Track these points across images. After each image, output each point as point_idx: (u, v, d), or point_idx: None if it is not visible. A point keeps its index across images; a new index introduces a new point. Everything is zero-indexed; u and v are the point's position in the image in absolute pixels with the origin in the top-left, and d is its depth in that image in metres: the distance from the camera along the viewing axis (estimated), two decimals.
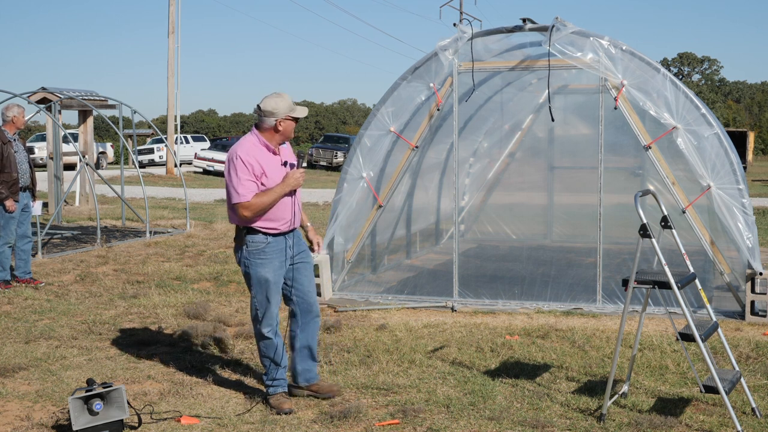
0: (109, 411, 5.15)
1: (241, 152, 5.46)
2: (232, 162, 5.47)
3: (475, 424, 5.28)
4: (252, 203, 5.41)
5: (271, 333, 5.65)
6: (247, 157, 5.44)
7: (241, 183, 5.41)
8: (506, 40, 9.23)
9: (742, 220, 8.34)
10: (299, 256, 5.75)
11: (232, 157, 5.47)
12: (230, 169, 5.47)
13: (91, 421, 5.09)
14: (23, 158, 9.85)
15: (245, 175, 5.42)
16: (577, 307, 8.79)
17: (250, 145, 5.52)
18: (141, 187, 15.97)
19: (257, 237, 5.54)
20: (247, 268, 5.59)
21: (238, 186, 5.42)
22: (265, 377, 5.74)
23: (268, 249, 5.55)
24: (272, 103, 5.50)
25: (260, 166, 5.46)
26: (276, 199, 5.47)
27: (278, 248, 5.59)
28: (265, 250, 5.55)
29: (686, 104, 8.48)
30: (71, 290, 9.69)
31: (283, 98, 5.54)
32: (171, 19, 34.00)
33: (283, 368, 5.74)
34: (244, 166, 5.42)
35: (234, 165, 5.44)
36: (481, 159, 12.98)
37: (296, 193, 5.67)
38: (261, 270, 5.55)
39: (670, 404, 5.63)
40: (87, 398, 5.13)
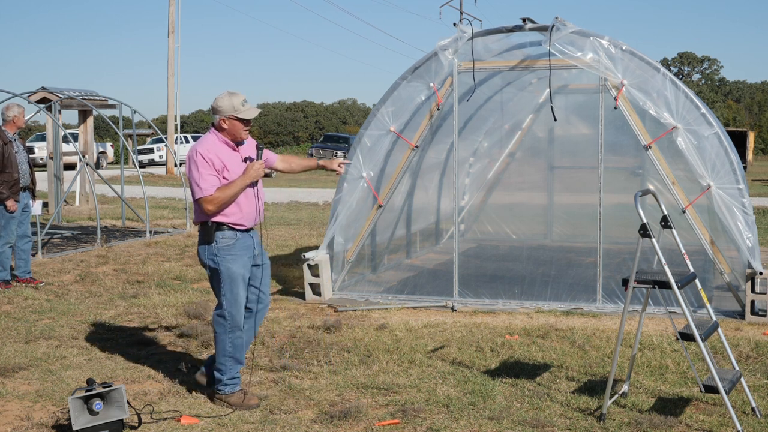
0: (109, 411, 5.15)
1: (200, 149, 5.53)
2: (192, 159, 5.53)
3: (475, 424, 5.28)
4: (215, 197, 5.47)
5: (239, 329, 5.71)
6: (207, 153, 5.51)
7: (203, 178, 5.48)
8: (506, 39, 9.23)
9: (742, 220, 8.34)
10: (261, 257, 5.85)
11: (192, 154, 5.54)
12: (191, 165, 5.54)
13: (91, 420, 5.09)
14: (23, 158, 9.85)
15: (206, 170, 5.48)
16: (577, 306, 8.79)
17: (210, 143, 5.58)
18: (141, 186, 15.98)
19: (227, 233, 5.61)
20: (217, 264, 5.61)
21: (200, 181, 5.48)
22: (221, 376, 5.72)
23: (237, 245, 5.63)
24: (218, 100, 5.57)
25: (220, 161, 5.53)
26: (238, 192, 5.52)
27: (246, 245, 5.68)
28: (234, 246, 5.61)
29: (686, 104, 8.48)
30: (71, 290, 9.69)
31: (232, 97, 5.57)
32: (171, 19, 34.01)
33: (240, 365, 5.79)
34: (204, 162, 5.48)
35: (195, 161, 5.51)
36: (481, 159, 12.98)
37: (258, 187, 5.72)
38: (232, 265, 5.61)
39: (670, 404, 5.64)
40: (87, 398, 5.13)
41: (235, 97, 5.56)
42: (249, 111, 5.59)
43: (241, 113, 5.55)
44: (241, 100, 5.56)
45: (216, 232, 5.59)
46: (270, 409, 5.59)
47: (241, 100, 5.57)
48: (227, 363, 5.72)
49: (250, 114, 5.59)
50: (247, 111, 5.58)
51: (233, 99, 5.55)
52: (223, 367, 5.72)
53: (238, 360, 5.76)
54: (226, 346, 5.70)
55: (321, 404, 5.69)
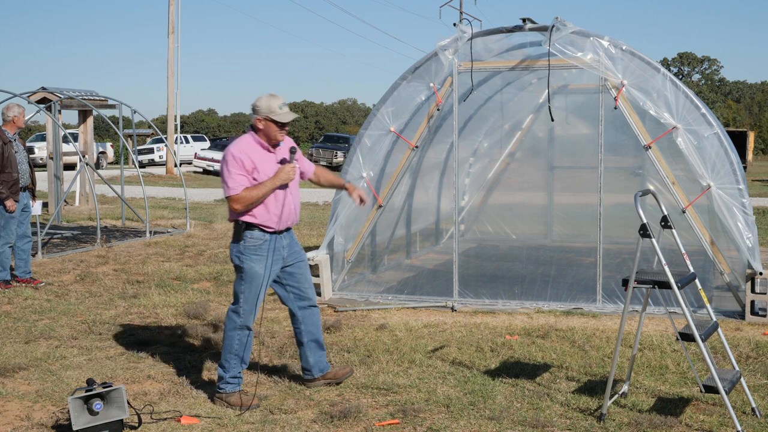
0: (109, 411, 5.15)
1: (233, 148, 5.65)
2: (224, 158, 5.67)
3: (475, 424, 5.28)
4: (241, 195, 5.56)
5: (249, 327, 5.77)
6: (238, 153, 5.61)
7: (231, 177, 5.58)
8: (506, 40, 9.23)
9: (742, 220, 8.34)
10: (294, 256, 5.91)
11: (225, 153, 5.67)
12: (222, 164, 5.68)
13: (91, 421, 5.09)
14: (23, 158, 9.85)
15: (235, 170, 5.58)
16: (577, 306, 8.79)
17: (244, 143, 5.68)
18: (141, 186, 15.98)
19: (255, 233, 5.70)
20: (241, 261, 5.70)
21: (228, 180, 5.60)
22: (224, 373, 5.74)
23: (263, 246, 5.70)
24: (257, 101, 5.68)
25: (251, 161, 5.62)
26: (266, 193, 5.61)
27: (273, 247, 5.74)
28: (261, 247, 5.70)
29: (686, 104, 8.48)
30: (71, 290, 9.69)
31: (270, 99, 5.67)
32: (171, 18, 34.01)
33: (244, 365, 5.82)
34: (234, 161, 5.59)
35: (226, 160, 5.64)
36: (481, 159, 12.98)
37: (291, 189, 5.79)
38: (255, 265, 5.69)
39: (670, 404, 5.64)
40: (87, 398, 5.13)
41: (273, 100, 5.66)
42: (285, 114, 5.66)
43: (276, 116, 5.63)
44: (279, 103, 5.65)
45: (245, 231, 5.69)
46: (270, 409, 5.59)
47: (279, 103, 5.65)
48: (231, 360, 5.74)
49: (286, 117, 5.65)
50: (283, 114, 5.65)
51: (271, 101, 5.65)
52: (227, 364, 5.74)
53: (243, 360, 5.78)
54: (234, 343, 5.74)
55: (321, 404, 5.69)
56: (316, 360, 6.01)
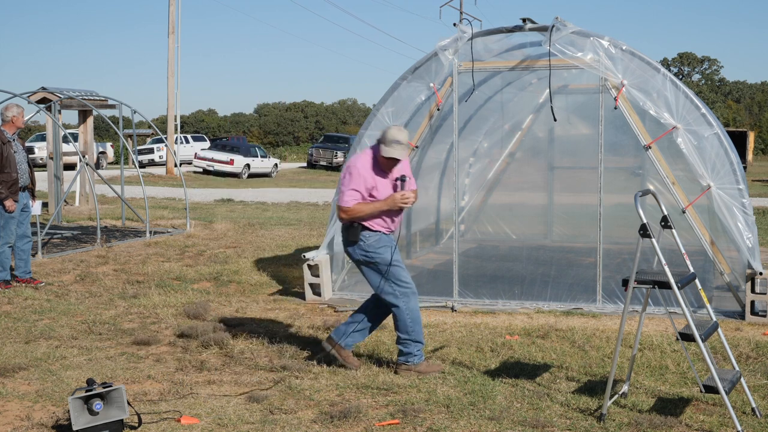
0: (110, 411, 5.15)
1: (359, 164, 6.18)
2: (348, 169, 6.20)
3: (475, 424, 5.28)
4: (352, 209, 6.15)
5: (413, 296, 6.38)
6: (363, 171, 6.16)
7: (349, 189, 6.16)
8: (506, 40, 9.23)
9: (742, 220, 8.34)
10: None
11: (350, 165, 6.20)
12: (345, 173, 6.25)
13: (91, 421, 5.09)
14: (22, 158, 9.84)
15: (354, 184, 6.14)
16: (577, 307, 8.79)
17: (368, 161, 6.19)
18: (141, 187, 15.98)
19: (370, 232, 6.26)
20: (372, 257, 6.28)
21: (345, 190, 6.18)
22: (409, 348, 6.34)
23: (383, 239, 6.30)
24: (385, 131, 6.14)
25: (373, 180, 6.16)
26: (373, 213, 6.16)
27: (389, 240, 6.35)
28: (381, 239, 6.29)
29: (686, 104, 8.48)
30: (71, 290, 9.69)
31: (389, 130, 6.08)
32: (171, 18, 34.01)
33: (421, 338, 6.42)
34: (357, 176, 6.13)
35: (350, 172, 6.19)
36: (481, 159, 12.97)
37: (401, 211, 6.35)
38: (385, 254, 6.27)
39: (670, 404, 5.64)
40: (87, 398, 5.13)
41: (396, 136, 6.04)
42: (390, 150, 6.06)
43: (384, 151, 6.09)
44: (394, 139, 6.03)
45: (362, 233, 6.24)
46: (270, 409, 5.59)
47: (394, 138, 6.03)
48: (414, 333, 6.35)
49: (390, 153, 6.06)
50: (388, 150, 6.06)
51: (389, 133, 6.07)
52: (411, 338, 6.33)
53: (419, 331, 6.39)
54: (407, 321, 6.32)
55: (321, 404, 5.69)
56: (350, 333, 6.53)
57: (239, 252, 12.70)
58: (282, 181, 36.85)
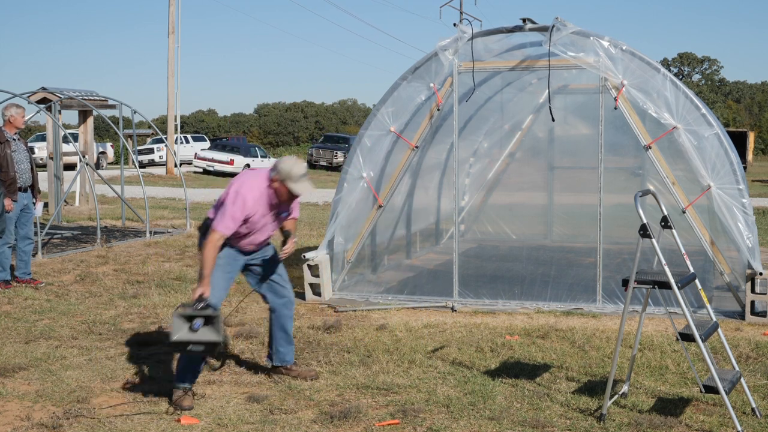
0: (207, 332, 5.43)
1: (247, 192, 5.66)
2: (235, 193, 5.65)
3: (475, 424, 5.28)
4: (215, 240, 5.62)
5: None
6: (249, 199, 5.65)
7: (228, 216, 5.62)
8: (506, 40, 9.23)
9: (742, 220, 8.34)
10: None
11: (239, 189, 5.66)
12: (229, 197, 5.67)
13: (190, 336, 5.42)
14: (23, 158, 9.82)
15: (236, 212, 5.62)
16: (577, 307, 8.79)
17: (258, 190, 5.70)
18: (141, 187, 15.98)
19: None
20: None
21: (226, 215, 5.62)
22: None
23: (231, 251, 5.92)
24: (281, 162, 5.71)
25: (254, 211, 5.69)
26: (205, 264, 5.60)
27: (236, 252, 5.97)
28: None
29: (686, 104, 8.48)
30: (71, 290, 9.69)
31: (294, 166, 5.66)
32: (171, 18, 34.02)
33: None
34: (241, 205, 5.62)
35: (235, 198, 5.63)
36: (481, 159, 12.98)
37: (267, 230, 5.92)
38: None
39: (670, 404, 5.64)
40: (189, 316, 5.43)
41: (297, 168, 5.66)
42: (298, 187, 5.68)
43: (289, 184, 5.67)
44: (302, 173, 5.67)
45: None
46: (270, 409, 5.59)
47: (302, 173, 5.68)
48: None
49: (299, 190, 5.69)
50: (297, 187, 5.68)
51: (294, 168, 5.65)
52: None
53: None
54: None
55: (321, 404, 5.69)
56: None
57: None
58: None
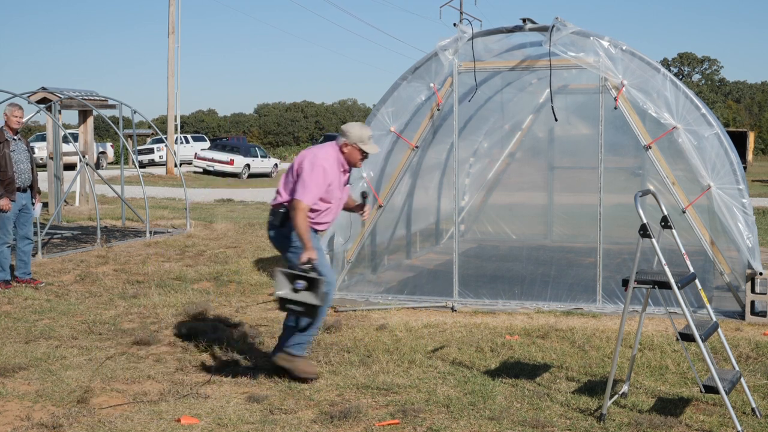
0: (308, 295, 5.72)
1: (324, 162, 6.01)
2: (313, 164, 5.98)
3: (475, 424, 5.28)
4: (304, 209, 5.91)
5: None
6: (329, 168, 6.02)
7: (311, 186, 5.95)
8: (506, 40, 9.23)
9: (742, 220, 8.34)
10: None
11: (315, 160, 5.99)
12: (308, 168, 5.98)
13: (292, 294, 5.72)
14: (23, 158, 9.80)
15: (317, 181, 5.97)
16: (577, 307, 8.79)
17: (332, 159, 6.08)
18: (141, 187, 15.98)
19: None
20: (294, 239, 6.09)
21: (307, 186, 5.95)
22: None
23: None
24: (350, 126, 6.18)
25: (331, 179, 6.06)
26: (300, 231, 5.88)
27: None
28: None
29: (686, 104, 8.47)
30: (71, 290, 9.69)
31: (362, 129, 6.15)
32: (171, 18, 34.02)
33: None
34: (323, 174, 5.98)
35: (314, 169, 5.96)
36: (481, 159, 12.98)
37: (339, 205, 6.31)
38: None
39: (670, 404, 5.64)
40: (293, 276, 5.73)
41: (364, 130, 6.15)
42: (372, 147, 6.18)
43: (365, 146, 6.13)
44: (368, 135, 6.16)
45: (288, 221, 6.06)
46: (270, 409, 5.59)
47: (368, 134, 6.16)
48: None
49: (372, 150, 6.18)
50: (371, 146, 6.17)
51: (363, 131, 6.14)
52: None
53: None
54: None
55: (321, 404, 5.69)
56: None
57: (239, 252, 12.70)
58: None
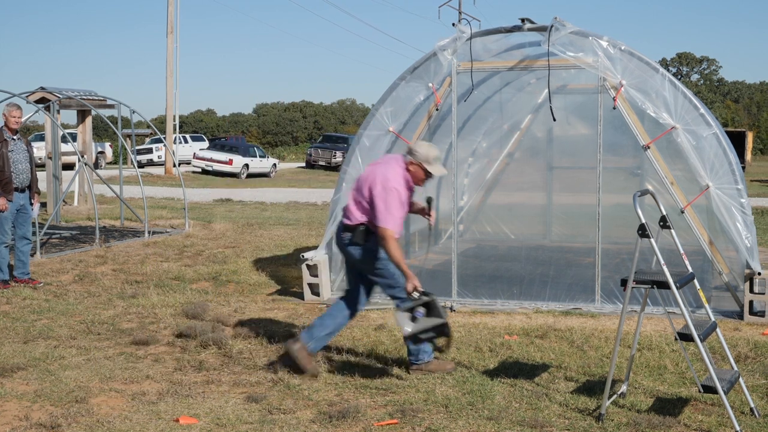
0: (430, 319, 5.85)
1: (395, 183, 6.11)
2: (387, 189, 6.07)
3: (474, 424, 5.28)
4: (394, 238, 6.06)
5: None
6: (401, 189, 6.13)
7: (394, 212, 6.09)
8: (505, 40, 9.23)
9: (741, 220, 8.35)
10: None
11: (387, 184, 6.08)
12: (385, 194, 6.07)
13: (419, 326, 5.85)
14: (22, 158, 9.79)
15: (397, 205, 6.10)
16: (576, 307, 8.79)
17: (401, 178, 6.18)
18: (140, 186, 15.97)
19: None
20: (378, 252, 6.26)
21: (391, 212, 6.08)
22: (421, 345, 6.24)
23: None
24: (418, 146, 6.28)
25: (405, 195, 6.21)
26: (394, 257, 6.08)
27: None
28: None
29: (685, 104, 8.48)
30: (70, 290, 9.69)
31: (429, 149, 6.22)
32: (170, 18, 34.02)
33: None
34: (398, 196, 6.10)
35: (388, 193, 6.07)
36: (480, 159, 12.97)
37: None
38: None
39: (669, 404, 5.64)
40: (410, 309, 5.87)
41: (431, 151, 6.21)
42: (437, 169, 6.26)
43: (430, 167, 6.21)
44: (435, 156, 6.22)
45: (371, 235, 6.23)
46: (269, 409, 5.59)
47: (435, 155, 6.22)
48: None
49: (438, 171, 6.28)
50: (436, 169, 6.24)
51: (430, 152, 6.20)
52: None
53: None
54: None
55: (320, 404, 5.69)
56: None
57: (238, 252, 12.70)
58: (281, 181, 36.85)
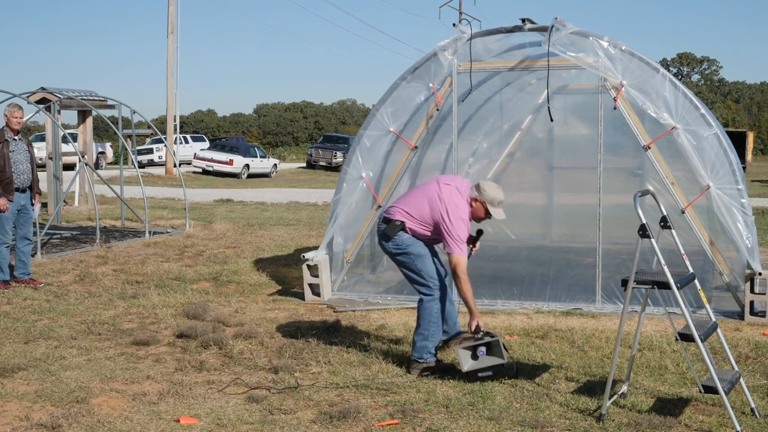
0: (491, 359, 6.05)
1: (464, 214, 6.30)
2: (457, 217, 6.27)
3: (475, 425, 5.28)
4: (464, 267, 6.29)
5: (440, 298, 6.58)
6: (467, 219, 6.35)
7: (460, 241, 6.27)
8: (505, 40, 9.23)
9: (742, 221, 8.34)
10: None
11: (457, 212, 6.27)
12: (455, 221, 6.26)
13: (477, 364, 6.05)
14: (23, 158, 9.80)
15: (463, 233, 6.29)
16: (577, 307, 8.79)
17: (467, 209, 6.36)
18: (140, 187, 15.98)
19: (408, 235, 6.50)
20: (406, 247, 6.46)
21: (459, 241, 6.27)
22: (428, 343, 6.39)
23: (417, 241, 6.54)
24: (486, 185, 6.39)
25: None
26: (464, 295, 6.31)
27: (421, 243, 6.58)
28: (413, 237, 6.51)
29: (685, 104, 8.48)
30: (70, 290, 9.69)
31: (497, 192, 6.34)
32: (170, 19, 34.03)
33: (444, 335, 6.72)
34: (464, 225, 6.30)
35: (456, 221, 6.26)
36: (481, 159, 12.95)
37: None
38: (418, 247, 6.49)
39: (670, 404, 5.64)
40: (473, 347, 6.08)
41: (498, 194, 6.35)
42: (498, 212, 6.37)
43: (492, 209, 6.36)
44: (500, 199, 6.35)
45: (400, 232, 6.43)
46: (269, 409, 5.59)
47: (500, 199, 6.35)
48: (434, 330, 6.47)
49: (498, 215, 6.38)
50: (496, 212, 6.37)
51: (497, 194, 6.34)
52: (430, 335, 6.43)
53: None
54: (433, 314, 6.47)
55: (320, 404, 5.69)
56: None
57: (238, 252, 12.70)
58: (281, 181, 36.86)
